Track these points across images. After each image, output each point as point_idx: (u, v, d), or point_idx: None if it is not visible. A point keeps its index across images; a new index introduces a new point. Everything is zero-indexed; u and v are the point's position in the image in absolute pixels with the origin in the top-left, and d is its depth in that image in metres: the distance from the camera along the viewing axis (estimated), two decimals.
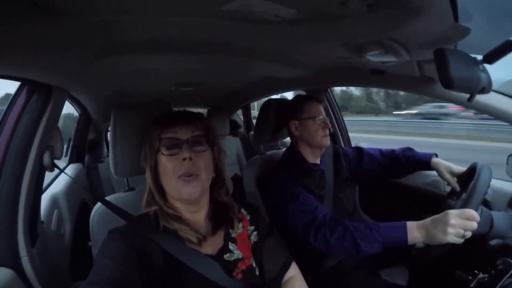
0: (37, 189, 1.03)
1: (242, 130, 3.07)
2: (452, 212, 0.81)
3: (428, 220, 0.86)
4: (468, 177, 1.02)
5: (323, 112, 1.24)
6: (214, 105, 2.63)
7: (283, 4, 0.53)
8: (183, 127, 0.71)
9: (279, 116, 1.36)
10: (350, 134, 1.97)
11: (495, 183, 1.11)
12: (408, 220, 0.90)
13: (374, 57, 0.77)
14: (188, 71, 1.40)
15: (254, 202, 1.26)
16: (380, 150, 1.37)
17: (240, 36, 0.88)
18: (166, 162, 0.70)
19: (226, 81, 1.82)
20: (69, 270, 1.32)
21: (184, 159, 0.68)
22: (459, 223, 0.80)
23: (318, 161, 1.27)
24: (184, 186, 0.69)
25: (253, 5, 0.52)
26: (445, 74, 0.54)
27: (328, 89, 1.84)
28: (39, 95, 0.98)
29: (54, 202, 1.44)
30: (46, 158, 0.98)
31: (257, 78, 1.70)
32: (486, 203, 0.94)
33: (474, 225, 0.80)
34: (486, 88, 0.70)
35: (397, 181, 1.48)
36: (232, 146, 2.63)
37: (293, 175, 1.17)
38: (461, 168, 1.10)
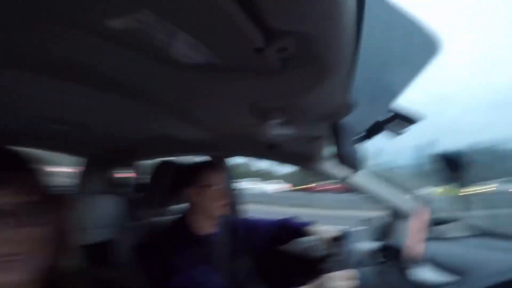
0: None
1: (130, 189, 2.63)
2: (329, 276, 0.83)
3: None
4: (339, 240, 1.14)
5: (223, 181, 1.17)
6: (94, 156, 2.17)
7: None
8: None
9: (174, 181, 1.21)
10: None
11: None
12: (302, 284, 0.87)
13: (274, 128, 0.77)
14: (63, 104, 1.05)
15: (130, 275, 1.08)
16: (272, 220, 1.38)
17: (131, 71, 0.62)
18: None
19: (112, 129, 1.50)
20: None
21: None
22: (336, 286, 0.81)
23: (211, 231, 1.16)
24: None
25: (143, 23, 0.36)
26: (342, 149, 0.58)
27: None
28: None
29: None
30: None
31: (150, 133, 1.50)
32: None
33: (352, 284, 0.81)
34: (362, 165, 0.80)
35: (281, 249, 1.48)
36: (108, 206, 2.16)
37: (179, 246, 1.03)
38: (335, 232, 1.21)
